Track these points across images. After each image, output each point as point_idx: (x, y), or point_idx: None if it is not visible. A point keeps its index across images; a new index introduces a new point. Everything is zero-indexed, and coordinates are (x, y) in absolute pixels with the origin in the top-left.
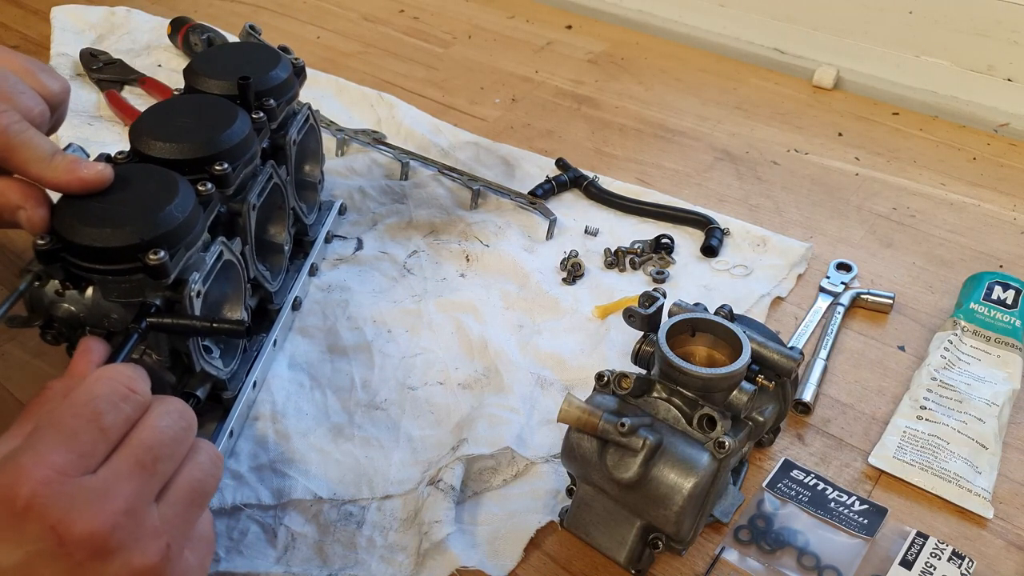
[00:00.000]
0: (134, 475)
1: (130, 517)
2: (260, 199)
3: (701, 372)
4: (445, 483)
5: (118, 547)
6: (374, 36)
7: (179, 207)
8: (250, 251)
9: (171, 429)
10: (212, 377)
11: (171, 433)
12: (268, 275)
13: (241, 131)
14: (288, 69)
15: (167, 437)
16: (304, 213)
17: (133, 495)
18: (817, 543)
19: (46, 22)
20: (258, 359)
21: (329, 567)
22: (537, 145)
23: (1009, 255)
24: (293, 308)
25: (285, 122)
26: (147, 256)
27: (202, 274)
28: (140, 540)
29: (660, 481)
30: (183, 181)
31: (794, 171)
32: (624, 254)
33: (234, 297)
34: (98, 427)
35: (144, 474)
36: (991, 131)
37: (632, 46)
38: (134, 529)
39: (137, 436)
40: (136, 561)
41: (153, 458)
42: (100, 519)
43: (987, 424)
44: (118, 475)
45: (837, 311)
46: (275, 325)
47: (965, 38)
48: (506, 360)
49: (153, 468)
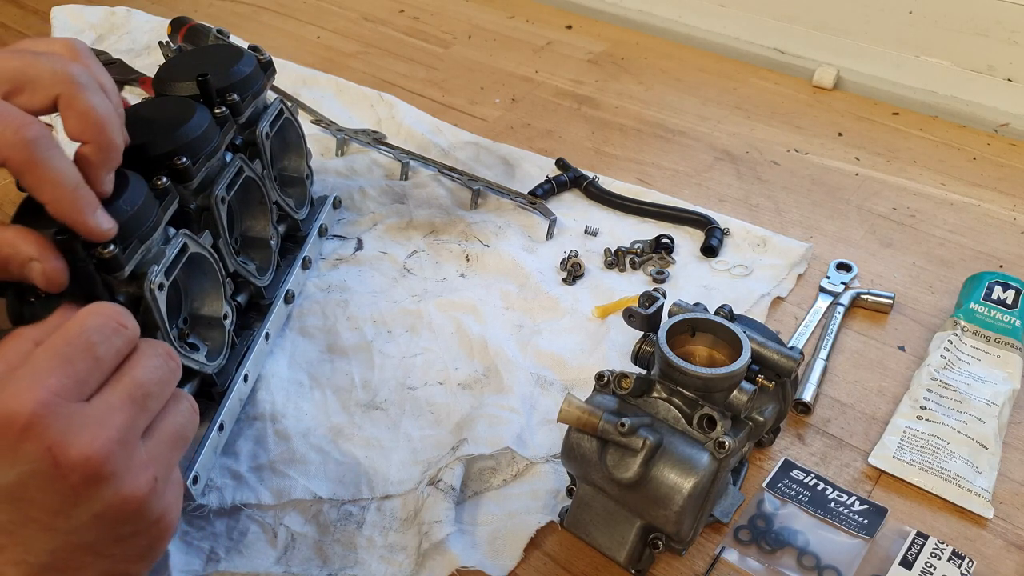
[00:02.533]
0: (126, 407)
1: (122, 446)
2: (230, 192)
3: (701, 372)
4: (445, 483)
5: (110, 474)
6: (374, 36)
7: (127, 201)
8: (224, 244)
9: (159, 369)
10: (198, 373)
11: (159, 373)
12: (252, 269)
13: (199, 126)
14: (252, 64)
15: (156, 376)
16: (292, 208)
17: (125, 426)
18: (817, 543)
19: (46, 22)
20: (248, 353)
21: (329, 567)
22: (537, 145)
23: (1009, 255)
24: (286, 301)
25: (256, 117)
26: (98, 250)
27: (162, 267)
28: (130, 470)
29: (660, 481)
30: (134, 176)
31: (794, 171)
32: (624, 254)
33: (212, 291)
34: (92, 356)
35: (135, 407)
36: (991, 131)
37: (632, 46)
38: (125, 458)
39: (128, 371)
40: (125, 489)
41: (143, 394)
42: (95, 445)
43: (987, 424)
44: (111, 405)
45: (837, 311)
46: (266, 318)
47: (965, 38)
48: (506, 360)
49: (143, 403)
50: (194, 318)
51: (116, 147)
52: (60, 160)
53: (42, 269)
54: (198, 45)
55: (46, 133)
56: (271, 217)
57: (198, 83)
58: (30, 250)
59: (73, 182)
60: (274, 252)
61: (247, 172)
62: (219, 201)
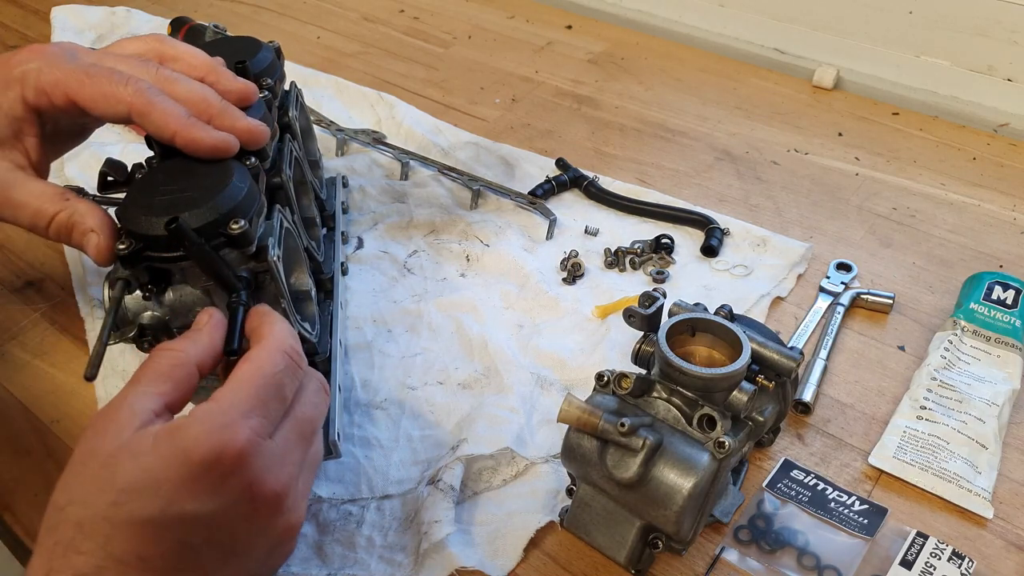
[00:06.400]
0: (300, 445)
1: (295, 481)
2: (291, 171)
3: (701, 372)
4: (445, 483)
5: (288, 508)
6: (374, 36)
7: (240, 179)
8: (299, 220)
9: (319, 406)
10: (307, 341)
11: (319, 409)
12: (314, 245)
13: (259, 111)
14: (271, 52)
15: (318, 412)
16: (317, 187)
17: (299, 462)
18: (817, 543)
19: (46, 22)
20: (335, 323)
21: (328, 567)
22: (537, 145)
23: (1009, 255)
24: (343, 273)
25: (283, 101)
26: (229, 227)
27: (277, 240)
28: (298, 502)
29: (660, 481)
30: (230, 159)
31: (794, 171)
32: (624, 254)
33: (298, 267)
34: (281, 397)
35: (305, 444)
36: (991, 131)
37: (632, 46)
38: (296, 493)
39: (300, 409)
40: (293, 519)
41: (311, 431)
42: (282, 481)
43: (987, 424)
44: (289, 443)
45: (837, 311)
46: (336, 289)
47: (965, 38)
48: (506, 360)
49: (310, 439)
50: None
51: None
52: (169, 100)
53: (97, 242)
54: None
55: (153, 85)
56: (311, 195)
57: (237, 70)
58: (93, 223)
59: (185, 112)
60: (319, 228)
61: (296, 153)
62: (288, 179)
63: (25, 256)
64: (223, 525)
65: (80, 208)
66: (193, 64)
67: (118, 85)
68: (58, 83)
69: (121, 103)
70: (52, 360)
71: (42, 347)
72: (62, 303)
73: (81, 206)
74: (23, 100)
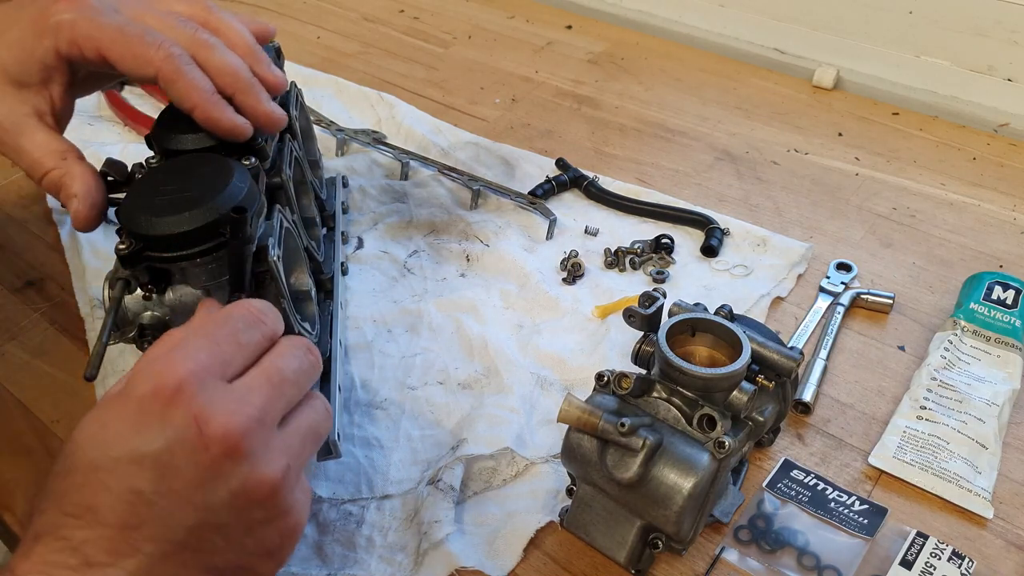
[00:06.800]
0: (264, 389)
1: (260, 426)
2: (291, 170)
3: (701, 372)
4: (445, 483)
5: (248, 451)
6: (374, 36)
7: (240, 179)
8: (299, 220)
9: (298, 359)
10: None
11: (297, 363)
12: (314, 245)
13: None
14: (271, 51)
15: (294, 365)
16: (317, 187)
17: (263, 407)
18: (817, 543)
19: None
20: (335, 323)
21: (328, 566)
22: (537, 145)
23: (1009, 255)
24: (343, 273)
25: (283, 101)
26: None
27: (276, 240)
28: (267, 453)
29: (660, 481)
30: (229, 159)
31: (794, 171)
32: (624, 254)
33: (298, 267)
34: (236, 341)
35: (273, 392)
36: (991, 131)
37: (632, 46)
38: (262, 440)
39: (268, 359)
40: (260, 470)
41: (281, 380)
42: (236, 420)
43: (987, 424)
44: (251, 387)
45: (837, 311)
46: (336, 289)
47: (965, 38)
48: (506, 360)
49: (280, 388)
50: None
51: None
52: (198, 72)
53: (76, 208)
54: None
55: (185, 52)
56: (311, 195)
57: None
58: (79, 188)
59: (210, 88)
60: (319, 228)
61: (296, 152)
62: (288, 179)
63: (25, 256)
64: (173, 464)
65: (73, 170)
66: (234, 42)
67: (150, 48)
68: (91, 37)
69: (151, 66)
70: (52, 360)
71: (42, 347)
72: (62, 303)
73: (75, 168)
74: (56, 50)
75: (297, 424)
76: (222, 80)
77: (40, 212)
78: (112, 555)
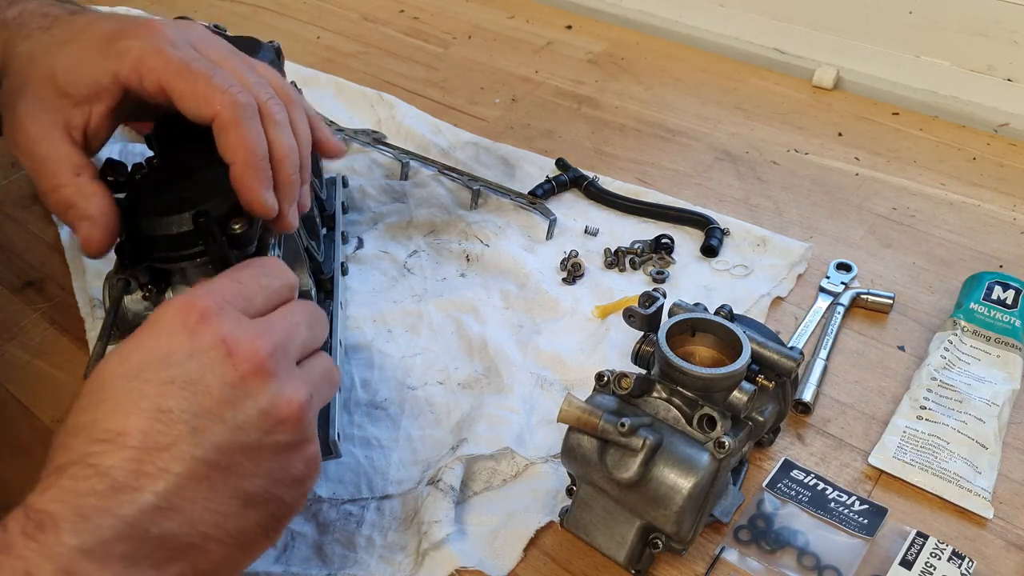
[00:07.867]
0: (283, 327)
1: (283, 353)
2: None
3: (701, 372)
4: (445, 483)
5: (273, 372)
6: (374, 36)
7: None
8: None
9: (310, 312)
10: None
11: (310, 315)
12: (314, 245)
13: None
14: (271, 51)
15: (308, 316)
16: (317, 186)
17: (284, 339)
18: (817, 543)
19: None
20: (335, 323)
21: (328, 566)
22: (537, 145)
23: (1009, 255)
24: (343, 273)
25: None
26: (230, 227)
27: (277, 240)
28: (290, 378)
29: (660, 481)
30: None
31: (794, 171)
32: (624, 254)
33: (298, 267)
34: (258, 283)
35: (291, 329)
36: (991, 131)
37: (632, 46)
38: (286, 365)
39: (285, 308)
40: (287, 392)
41: (296, 322)
42: (260, 342)
43: (987, 424)
44: (271, 323)
45: (837, 311)
46: (335, 289)
47: (965, 38)
48: (506, 360)
49: (296, 329)
50: None
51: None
52: (258, 131)
53: (88, 231)
54: None
55: (254, 104)
56: (312, 194)
57: None
58: (92, 209)
59: (262, 152)
60: (320, 228)
61: None
62: None
63: (25, 256)
64: (203, 382)
65: (87, 190)
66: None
67: (216, 90)
68: (154, 69)
69: (210, 107)
70: (52, 360)
71: (42, 347)
72: (62, 303)
73: (89, 188)
74: (115, 73)
75: (313, 366)
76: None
77: (40, 212)
78: (141, 477)
